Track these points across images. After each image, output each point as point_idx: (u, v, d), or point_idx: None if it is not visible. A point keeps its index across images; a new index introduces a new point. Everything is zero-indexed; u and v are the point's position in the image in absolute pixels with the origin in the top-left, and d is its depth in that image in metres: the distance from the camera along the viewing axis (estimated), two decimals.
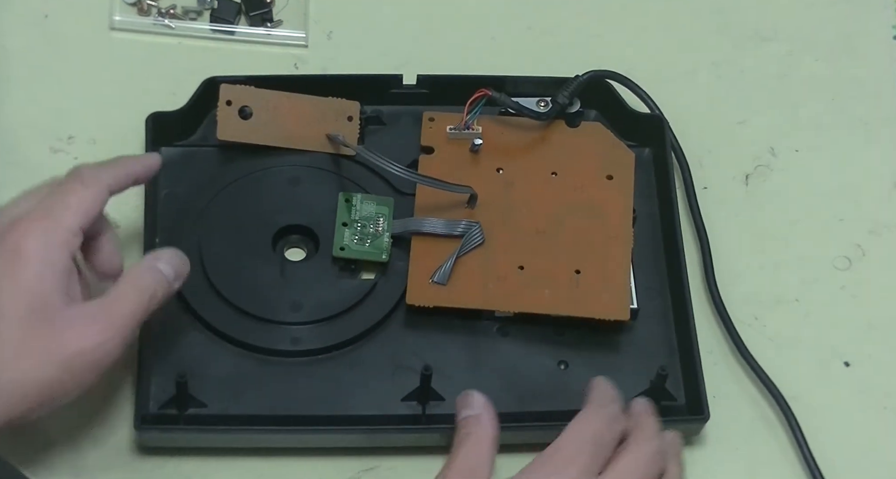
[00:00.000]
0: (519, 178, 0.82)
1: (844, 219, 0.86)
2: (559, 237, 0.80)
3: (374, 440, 0.76)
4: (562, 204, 0.81)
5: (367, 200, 0.81)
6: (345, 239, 0.80)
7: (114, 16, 0.88)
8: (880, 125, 0.89)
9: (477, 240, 0.79)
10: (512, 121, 0.83)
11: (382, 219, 0.81)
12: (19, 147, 0.84)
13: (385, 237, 0.80)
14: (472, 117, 0.82)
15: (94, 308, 0.69)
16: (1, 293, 0.68)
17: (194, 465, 0.76)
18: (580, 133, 0.83)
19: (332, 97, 0.82)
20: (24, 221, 0.69)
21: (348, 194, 0.81)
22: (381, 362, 0.78)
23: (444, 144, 0.83)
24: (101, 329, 0.68)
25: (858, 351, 0.81)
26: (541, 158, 0.82)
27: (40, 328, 0.67)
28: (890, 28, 0.92)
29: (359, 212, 0.81)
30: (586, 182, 0.81)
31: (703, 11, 0.92)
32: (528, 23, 0.91)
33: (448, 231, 0.79)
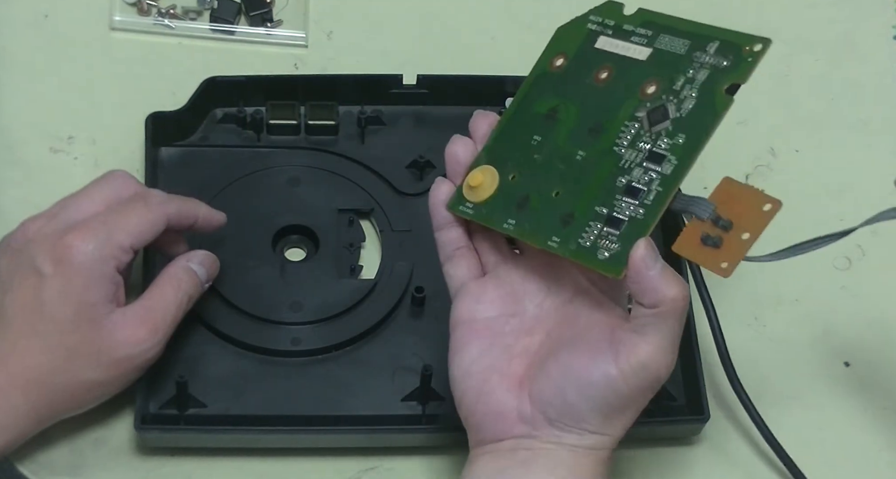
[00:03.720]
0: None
1: (844, 219, 0.85)
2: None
3: (374, 440, 0.76)
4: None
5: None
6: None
7: (114, 16, 0.88)
8: (880, 125, 0.89)
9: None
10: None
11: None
12: (19, 147, 0.84)
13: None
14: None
15: (136, 312, 0.72)
16: (51, 301, 0.70)
17: (194, 465, 0.76)
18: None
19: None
20: (81, 230, 0.71)
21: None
22: (381, 362, 0.78)
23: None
24: (144, 333, 0.72)
25: (858, 351, 0.81)
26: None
27: (88, 333, 0.71)
28: (890, 28, 0.92)
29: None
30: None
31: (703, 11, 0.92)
32: (528, 23, 0.91)
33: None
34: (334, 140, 0.84)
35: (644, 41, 0.71)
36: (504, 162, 0.71)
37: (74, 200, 0.74)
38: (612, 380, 0.65)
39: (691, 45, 0.70)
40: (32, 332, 0.70)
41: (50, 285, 0.70)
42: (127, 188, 0.74)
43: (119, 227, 0.72)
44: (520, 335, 0.70)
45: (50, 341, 0.70)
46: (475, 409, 0.69)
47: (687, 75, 0.69)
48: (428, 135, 0.85)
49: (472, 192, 0.71)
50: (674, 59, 0.70)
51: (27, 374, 0.70)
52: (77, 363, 0.71)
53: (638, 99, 0.70)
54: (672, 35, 0.71)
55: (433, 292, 0.80)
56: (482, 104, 0.85)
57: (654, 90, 0.70)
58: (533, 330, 0.70)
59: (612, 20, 0.73)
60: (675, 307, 0.65)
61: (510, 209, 0.70)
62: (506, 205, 0.70)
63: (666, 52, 0.71)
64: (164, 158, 0.83)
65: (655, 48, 0.71)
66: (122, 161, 0.83)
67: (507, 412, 0.68)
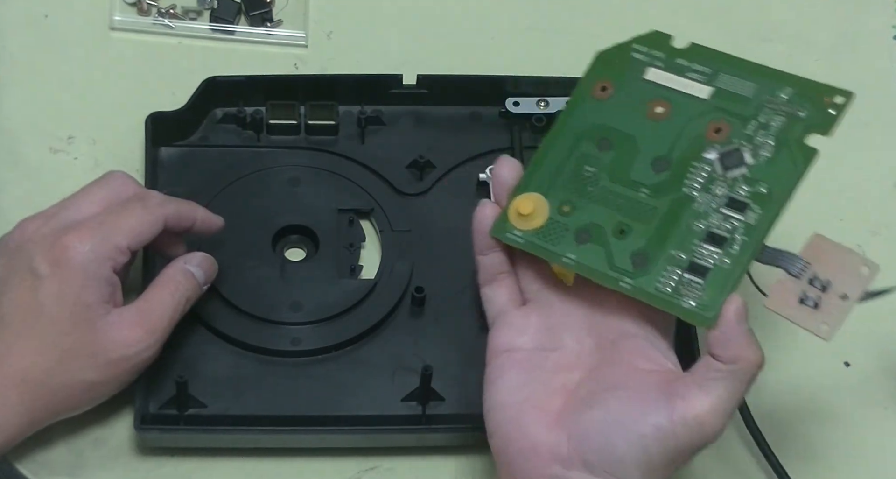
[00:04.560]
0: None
1: (844, 219, 0.86)
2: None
3: (374, 440, 0.76)
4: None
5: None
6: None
7: (114, 16, 0.88)
8: (880, 125, 0.89)
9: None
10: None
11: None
12: (19, 147, 0.84)
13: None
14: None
15: (132, 313, 0.72)
16: (48, 301, 0.70)
17: (194, 465, 0.76)
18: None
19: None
20: (78, 230, 0.71)
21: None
22: (381, 362, 0.78)
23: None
24: (140, 333, 0.72)
25: (858, 351, 0.81)
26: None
27: (85, 334, 0.70)
28: (890, 28, 0.92)
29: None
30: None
31: (703, 11, 0.92)
32: (528, 23, 0.91)
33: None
34: (334, 140, 0.84)
35: (703, 79, 0.70)
36: (552, 190, 0.70)
37: (72, 201, 0.74)
38: (663, 433, 0.64)
39: (758, 88, 0.69)
40: (29, 332, 0.70)
41: (47, 286, 0.70)
42: (126, 189, 0.74)
43: (116, 228, 0.72)
44: (559, 371, 0.69)
45: (46, 342, 0.70)
46: (509, 442, 0.67)
47: (759, 120, 0.69)
48: (428, 135, 0.85)
49: (521, 219, 0.70)
50: (741, 102, 0.69)
51: (23, 374, 0.70)
52: (73, 364, 0.70)
53: (704, 139, 0.69)
54: (734, 75, 0.70)
55: (433, 292, 0.80)
56: (482, 104, 0.85)
57: (723, 133, 0.69)
58: (572, 367, 0.69)
59: (660, 52, 0.72)
60: (749, 369, 0.65)
61: (568, 243, 0.69)
62: (562, 237, 0.69)
63: (730, 93, 0.70)
64: (164, 158, 0.83)
65: (717, 87, 0.70)
66: (122, 161, 0.83)
67: (542, 448, 0.66)
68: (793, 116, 0.69)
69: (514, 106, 0.85)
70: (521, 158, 0.84)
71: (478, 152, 0.84)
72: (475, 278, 0.80)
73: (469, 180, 0.84)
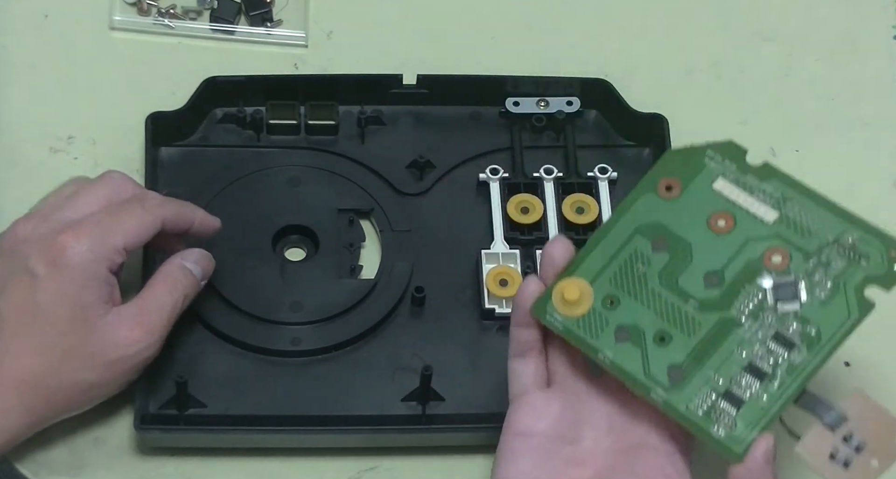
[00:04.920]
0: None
1: None
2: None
3: (374, 440, 0.76)
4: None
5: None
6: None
7: (114, 16, 0.88)
8: (880, 125, 0.89)
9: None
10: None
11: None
12: (19, 147, 0.84)
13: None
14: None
15: (131, 312, 0.72)
16: (46, 302, 0.70)
17: (194, 465, 0.76)
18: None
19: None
20: (75, 230, 0.71)
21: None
22: (381, 362, 0.78)
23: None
24: (139, 333, 0.71)
25: (858, 351, 0.81)
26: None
27: (83, 335, 0.70)
28: (890, 28, 0.92)
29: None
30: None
31: (703, 11, 0.92)
32: (528, 23, 0.91)
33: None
34: (334, 140, 0.84)
35: (771, 202, 0.69)
36: (600, 281, 0.69)
37: (69, 201, 0.73)
38: None
39: (825, 224, 0.68)
40: (26, 333, 0.70)
41: (44, 287, 0.70)
42: (124, 189, 0.74)
43: (114, 228, 0.72)
44: (572, 465, 0.68)
45: (44, 343, 0.70)
46: None
47: (821, 258, 0.67)
48: (428, 135, 0.85)
49: (564, 305, 0.68)
50: (805, 235, 0.68)
51: (22, 375, 0.69)
52: (72, 365, 0.70)
53: (762, 264, 0.68)
54: (802, 206, 0.69)
55: (433, 292, 0.80)
56: (482, 104, 0.85)
57: (781, 262, 0.67)
58: (584, 463, 0.68)
59: (733, 164, 0.70)
60: None
61: (607, 338, 0.67)
62: (601, 331, 0.68)
63: (796, 223, 0.68)
64: (164, 158, 0.83)
65: (784, 214, 0.69)
66: (122, 161, 0.83)
67: None
68: (856, 262, 0.67)
69: (514, 106, 0.85)
70: (520, 159, 0.84)
71: (478, 152, 0.84)
72: (476, 278, 0.80)
73: (469, 180, 0.84)
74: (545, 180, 0.83)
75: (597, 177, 0.84)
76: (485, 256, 0.81)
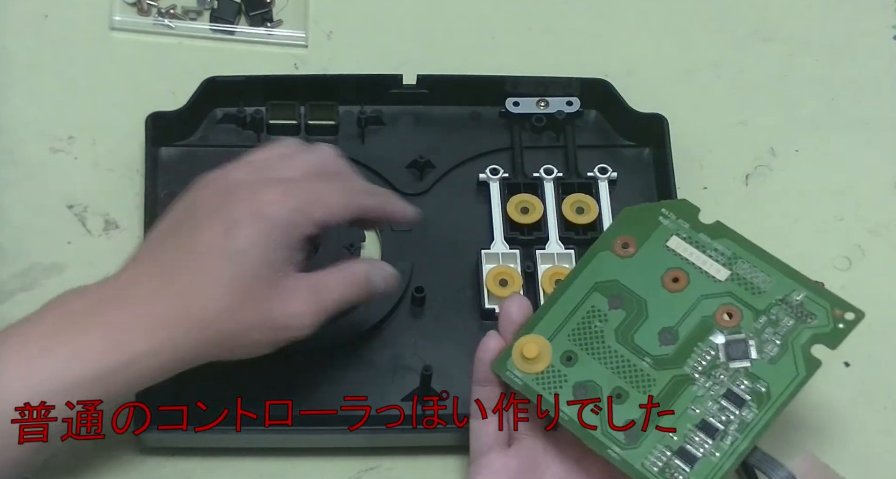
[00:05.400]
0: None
1: (844, 219, 0.86)
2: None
3: (374, 440, 0.76)
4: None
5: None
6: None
7: (114, 16, 0.88)
8: (880, 125, 0.89)
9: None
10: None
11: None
12: (19, 147, 0.84)
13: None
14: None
15: (307, 289, 0.70)
16: (240, 249, 0.69)
17: (194, 465, 0.76)
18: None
19: None
20: (283, 190, 0.70)
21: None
22: (381, 362, 0.78)
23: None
24: (310, 311, 0.70)
25: (858, 351, 0.81)
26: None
27: (263, 290, 0.69)
28: (890, 28, 0.92)
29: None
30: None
31: (703, 11, 0.92)
32: (528, 23, 0.91)
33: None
34: (334, 140, 0.84)
35: (723, 260, 0.71)
36: (558, 338, 0.71)
37: (282, 160, 0.72)
38: None
39: (774, 283, 0.70)
40: (215, 273, 0.69)
41: (241, 234, 0.69)
42: (334, 164, 0.73)
43: (319, 200, 0.71)
44: None
45: (228, 288, 0.69)
46: None
47: (770, 316, 0.69)
48: (428, 135, 0.85)
49: (524, 362, 0.70)
50: (755, 293, 0.70)
51: (200, 313, 0.68)
52: (242, 315, 0.69)
53: (714, 322, 0.70)
54: (752, 265, 0.71)
55: (433, 292, 0.80)
56: (482, 104, 0.85)
57: (732, 320, 0.69)
58: None
59: (686, 222, 0.72)
60: None
61: (565, 394, 0.69)
62: (560, 388, 0.69)
63: (746, 282, 0.70)
64: (164, 158, 0.83)
65: (735, 272, 0.71)
66: (122, 161, 0.83)
67: None
68: (803, 321, 0.69)
69: (514, 106, 0.85)
70: (520, 159, 0.84)
71: (478, 152, 0.84)
72: (476, 278, 0.80)
73: (469, 180, 0.84)
74: (545, 180, 0.83)
75: (597, 177, 0.84)
76: (485, 256, 0.81)
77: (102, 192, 0.83)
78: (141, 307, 0.68)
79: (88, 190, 0.83)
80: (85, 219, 0.82)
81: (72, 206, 0.82)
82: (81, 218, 0.82)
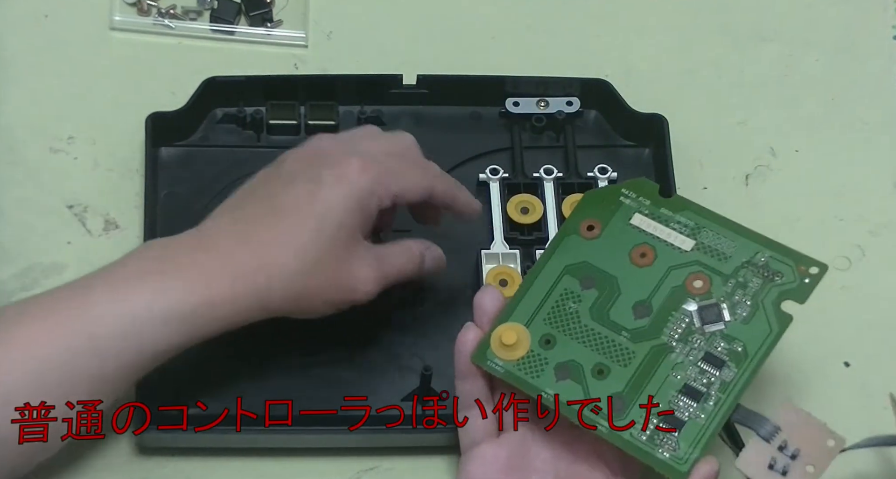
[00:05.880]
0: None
1: (844, 219, 0.86)
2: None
3: (374, 440, 0.76)
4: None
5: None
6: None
7: (114, 16, 0.88)
8: (880, 125, 0.89)
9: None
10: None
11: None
12: (19, 147, 0.84)
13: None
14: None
15: (373, 257, 0.73)
16: (322, 209, 0.71)
17: (194, 465, 0.76)
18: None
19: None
20: (367, 159, 0.73)
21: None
22: (381, 362, 0.78)
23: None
24: (374, 276, 0.73)
25: (858, 351, 0.81)
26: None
27: (337, 251, 0.71)
28: (890, 28, 0.92)
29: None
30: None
31: (703, 11, 0.92)
32: (528, 23, 0.91)
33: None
34: None
35: (686, 231, 0.73)
36: (535, 323, 0.72)
37: (367, 138, 0.75)
38: None
39: (738, 248, 0.72)
40: (296, 230, 0.71)
41: (325, 196, 0.71)
42: (413, 150, 0.76)
43: (397, 173, 0.73)
44: None
45: (308, 245, 0.71)
46: None
47: (738, 279, 0.71)
48: (428, 135, 0.85)
49: (503, 349, 0.71)
50: (721, 259, 0.72)
51: (277, 266, 0.70)
52: (317, 273, 0.71)
53: (685, 291, 0.71)
54: (716, 232, 0.72)
55: (433, 292, 0.80)
56: (482, 104, 0.85)
57: (702, 287, 0.71)
58: None
59: (646, 199, 0.74)
60: None
61: (548, 377, 0.70)
62: (542, 371, 0.70)
63: (711, 249, 0.72)
64: (164, 158, 0.83)
65: (699, 242, 0.72)
66: (122, 161, 0.83)
67: None
68: (770, 280, 0.71)
69: (514, 106, 0.85)
70: (520, 159, 0.84)
71: (478, 152, 0.84)
72: (476, 278, 0.80)
73: (469, 180, 0.84)
74: (545, 180, 0.83)
75: (597, 177, 0.84)
76: (485, 256, 0.81)
77: (102, 192, 0.83)
78: (224, 256, 0.70)
79: (88, 190, 0.83)
80: (85, 219, 0.82)
81: (72, 206, 0.82)
82: (81, 218, 0.82)
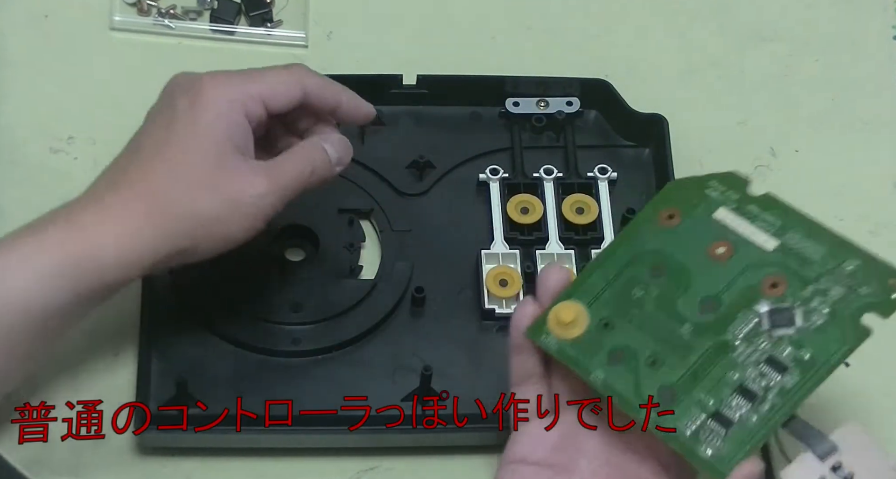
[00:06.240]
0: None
1: (844, 219, 0.85)
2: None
3: (374, 440, 0.76)
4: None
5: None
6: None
7: (114, 16, 0.88)
8: (880, 125, 0.89)
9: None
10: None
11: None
12: (19, 147, 0.84)
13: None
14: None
15: (260, 166, 0.72)
16: (180, 133, 0.71)
17: (194, 465, 0.76)
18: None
19: None
20: (216, 76, 0.73)
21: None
22: (381, 362, 0.78)
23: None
24: (265, 182, 0.71)
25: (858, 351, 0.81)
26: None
27: (212, 170, 0.71)
28: (890, 28, 0.92)
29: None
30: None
31: (703, 11, 0.92)
32: (528, 23, 0.91)
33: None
34: None
35: (771, 230, 0.70)
36: (596, 304, 0.70)
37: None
38: None
39: (825, 254, 0.69)
40: (161, 160, 0.71)
41: (180, 119, 0.71)
42: (295, 66, 0.75)
43: (254, 77, 0.73)
44: None
45: (175, 172, 0.70)
46: None
47: (818, 285, 0.68)
48: (428, 135, 0.85)
49: (560, 327, 0.69)
50: (803, 263, 0.69)
51: (153, 200, 0.70)
52: (199, 195, 0.70)
53: (759, 292, 0.68)
54: (803, 235, 0.70)
55: (433, 292, 0.80)
56: (482, 104, 0.85)
57: (778, 289, 0.68)
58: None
59: (735, 194, 0.71)
60: None
61: (600, 359, 0.68)
62: (595, 353, 0.68)
63: (795, 252, 0.69)
64: None
65: (783, 243, 0.69)
66: None
67: None
68: (854, 290, 0.67)
69: (514, 106, 0.85)
70: (520, 159, 0.84)
71: (478, 152, 0.84)
72: (476, 278, 0.80)
73: (469, 180, 0.84)
74: (545, 180, 0.83)
75: (597, 177, 0.84)
76: (485, 256, 0.81)
77: None
78: (123, 193, 0.70)
79: None
80: None
81: None
82: None
